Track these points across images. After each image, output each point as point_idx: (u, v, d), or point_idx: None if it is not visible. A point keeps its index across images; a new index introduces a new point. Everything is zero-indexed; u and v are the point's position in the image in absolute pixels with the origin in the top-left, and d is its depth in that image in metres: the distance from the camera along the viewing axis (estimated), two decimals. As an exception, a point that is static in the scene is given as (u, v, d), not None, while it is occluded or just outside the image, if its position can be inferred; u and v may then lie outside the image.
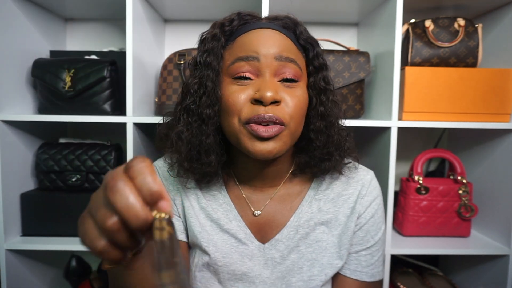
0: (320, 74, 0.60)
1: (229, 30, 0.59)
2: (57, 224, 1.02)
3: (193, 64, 0.60)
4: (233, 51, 0.57)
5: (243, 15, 0.60)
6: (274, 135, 0.53)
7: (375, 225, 0.66)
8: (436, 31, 1.00)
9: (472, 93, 0.98)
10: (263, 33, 0.57)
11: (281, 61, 0.55)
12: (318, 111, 0.60)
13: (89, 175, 1.03)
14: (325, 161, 0.62)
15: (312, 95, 0.60)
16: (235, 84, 0.56)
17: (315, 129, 0.60)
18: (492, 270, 1.03)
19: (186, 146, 0.58)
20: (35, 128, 1.08)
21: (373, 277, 0.66)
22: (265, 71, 0.55)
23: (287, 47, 0.57)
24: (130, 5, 0.91)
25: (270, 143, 0.54)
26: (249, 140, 0.54)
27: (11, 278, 0.99)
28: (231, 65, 0.56)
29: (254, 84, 0.55)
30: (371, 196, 0.66)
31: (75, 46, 1.26)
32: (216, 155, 0.59)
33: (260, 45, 0.55)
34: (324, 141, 0.61)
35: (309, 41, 0.60)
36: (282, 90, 0.55)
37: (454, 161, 1.07)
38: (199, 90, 0.57)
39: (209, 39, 0.59)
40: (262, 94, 0.52)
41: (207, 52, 0.58)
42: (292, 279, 0.62)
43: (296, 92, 0.56)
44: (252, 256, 0.63)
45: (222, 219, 0.64)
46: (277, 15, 0.61)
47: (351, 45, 1.27)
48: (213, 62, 0.57)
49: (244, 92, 0.55)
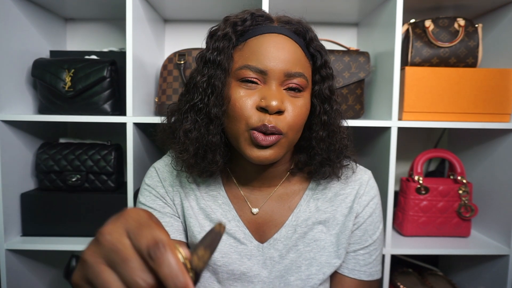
0: (326, 83, 0.61)
1: (241, 30, 0.58)
2: (57, 224, 1.02)
3: (202, 60, 0.59)
4: (243, 55, 0.57)
5: (256, 15, 0.59)
6: (272, 143, 0.54)
7: (373, 224, 0.66)
8: (436, 31, 1.00)
9: (472, 93, 0.98)
10: (275, 39, 0.56)
11: (289, 77, 0.56)
12: (321, 119, 0.61)
13: (89, 175, 1.03)
14: (325, 166, 0.62)
15: (316, 103, 0.61)
16: (242, 87, 0.56)
17: (318, 137, 0.61)
18: (492, 270, 1.03)
19: (193, 145, 0.58)
20: (35, 128, 1.08)
21: (371, 276, 0.66)
22: (272, 82, 0.55)
23: (296, 58, 0.57)
24: (130, 5, 0.91)
25: (268, 151, 0.55)
26: (248, 146, 0.55)
27: (11, 278, 0.99)
28: (239, 69, 0.56)
29: (261, 91, 0.55)
30: (369, 195, 0.66)
31: (75, 46, 1.26)
32: (221, 155, 0.60)
33: (270, 58, 0.55)
34: (326, 148, 0.61)
35: (318, 49, 0.60)
36: (286, 99, 0.56)
37: (454, 161, 1.07)
38: (208, 89, 0.57)
39: (220, 37, 0.58)
40: (268, 103, 0.53)
41: (218, 51, 0.57)
42: (291, 278, 0.63)
43: (299, 102, 0.57)
44: (251, 255, 0.63)
45: (221, 219, 0.64)
46: (290, 19, 0.60)
47: (351, 45, 1.27)
48: (223, 62, 0.57)
49: (250, 98, 0.55)
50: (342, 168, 0.65)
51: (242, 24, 0.58)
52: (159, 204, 0.66)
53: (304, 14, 0.63)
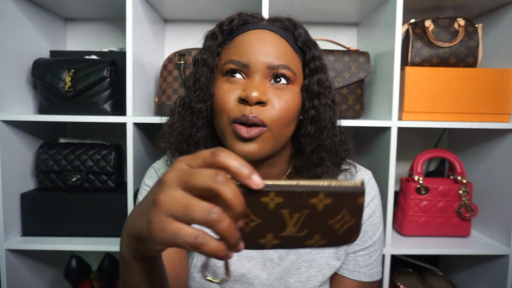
0: (315, 77, 0.59)
1: (228, 29, 0.60)
2: (57, 224, 1.02)
3: (193, 61, 0.62)
4: (229, 51, 0.58)
5: (244, 15, 0.60)
6: (254, 136, 0.53)
7: (373, 225, 0.66)
8: (436, 31, 1.00)
9: (472, 93, 0.98)
10: (259, 35, 0.57)
11: (273, 69, 0.55)
12: (310, 114, 0.59)
13: (89, 175, 1.03)
14: (318, 166, 0.61)
15: (305, 98, 0.59)
16: (226, 82, 0.57)
17: (306, 133, 0.60)
18: (492, 270, 1.03)
19: (176, 137, 0.60)
20: (35, 128, 1.08)
21: (371, 277, 0.66)
22: (255, 75, 0.55)
23: (281, 51, 0.56)
24: (130, 5, 0.91)
25: (251, 145, 0.54)
26: (233, 140, 0.55)
27: (11, 278, 0.99)
28: (224, 64, 0.57)
29: (243, 84, 0.56)
30: (369, 196, 0.66)
31: (75, 46, 1.26)
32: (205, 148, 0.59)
33: (253, 52, 0.55)
34: (316, 145, 0.60)
35: (307, 44, 0.60)
36: (271, 91, 0.55)
37: (454, 161, 1.07)
38: (194, 85, 0.60)
39: (208, 37, 0.61)
40: (247, 93, 0.53)
41: (204, 50, 0.60)
42: (290, 279, 0.63)
43: (286, 95, 0.56)
44: (250, 257, 0.63)
45: None
46: (278, 17, 0.60)
47: (351, 45, 1.27)
48: (208, 59, 0.59)
49: (233, 92, 0.56)
50: (337, 170, 0.63)
51: (229, 24, 0.60)
52: None
53: (304, 14, 0.63)
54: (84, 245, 0.98)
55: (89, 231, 1.02)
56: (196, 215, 0.28)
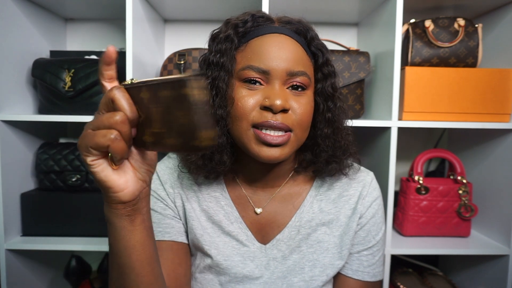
0: (329, 81, 0.61)
1: (243, 31, 0.59)
2: (57, 224, 1.02)
3: (205, 63, 0.60)
4: (246, 55, 0.57)
5: (257, 16, 0.60)
6: (282, 142, 0.55)
7: (376, 225, 0.67)
8: (436, 31, 1.00)
9: (472, 93, 0.98)
10: (276, 39, 0.57)
11: (292, 75, 0.56)
12: (326, 117, 0.61)
13: (89, 175, 1.03)
14: (332, 163, 0.62)
15: (320, 101, 0.61)
16: (245, 87, 0.56)
17: (323, 135, 0.61)
18: (492, 270, 1.03)
19: None
20: (35, 128, 1.08)
21: (374, 277, 0.67)
22: (275, 82, 0.56)
23: (298, 57, 0.57)
24: (130, 5, 0.91)
25: (277, 150, 0.55)
26: (256, 145, 0.55)
27: (11, 278, 0.99)
28: (242, 70, 0.57)
29: (264, 90, 0.56)
30: (372, 196, 0.67)
31: (75, 46, 1.26)
32: (228, 155, 0.60)
33: (272, 58, 0.55)
34: (331, 145, 0.62)
35: (320, 48, 0.61)
36: (290, 98, 0.56)
37: (454, 161, 1.07)
38: (212, 91, 0.58)
39: (222, 39, 0.58)
40: (272, 102, 0.53)
41: (220, 53, 0.58)
42: (294, 279, 0.63)
43: (303, 99, 0.57)
44: (254, 257, 0.63)
45: (223, 221, 0.64)
46: (290, 19, 0.60)
47: (351, 45, 1.27)
48: (226, 64, 0.57)
49: (253, 97, 0.55)
50: (348, 166, 0.65)
51: (243, 25, 0.59)
52: (160, 206, 0.65)
53: (304, 14, 0.63)
54: (84, 245, 0.98)
55: (89, 231, 1.02)
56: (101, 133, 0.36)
